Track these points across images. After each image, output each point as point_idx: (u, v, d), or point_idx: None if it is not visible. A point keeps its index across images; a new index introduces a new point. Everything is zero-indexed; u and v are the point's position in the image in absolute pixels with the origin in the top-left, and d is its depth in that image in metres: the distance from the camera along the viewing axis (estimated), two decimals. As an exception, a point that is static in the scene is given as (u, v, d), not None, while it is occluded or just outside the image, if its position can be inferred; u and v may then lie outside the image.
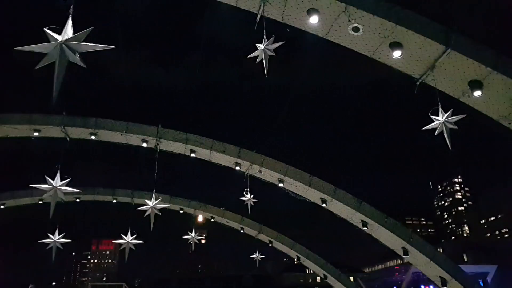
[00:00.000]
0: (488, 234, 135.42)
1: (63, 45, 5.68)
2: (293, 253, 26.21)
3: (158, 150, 16.06)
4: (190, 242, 19.66)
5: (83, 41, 5.76)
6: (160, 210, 14.02)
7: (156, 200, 13.82)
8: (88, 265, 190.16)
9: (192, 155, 16.64)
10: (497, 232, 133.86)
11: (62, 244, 16.15)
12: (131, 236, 15.07)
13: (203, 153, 16.78)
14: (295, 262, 28.69)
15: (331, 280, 26.87)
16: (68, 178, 11.58)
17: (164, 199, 18.61)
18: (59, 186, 11.42)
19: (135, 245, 15.30)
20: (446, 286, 17.47)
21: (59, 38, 5.69)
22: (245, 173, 17.29)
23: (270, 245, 25.59)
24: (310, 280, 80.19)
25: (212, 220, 24.67)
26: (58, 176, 11.48)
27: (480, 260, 78.82)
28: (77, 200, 21.42)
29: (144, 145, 16.09)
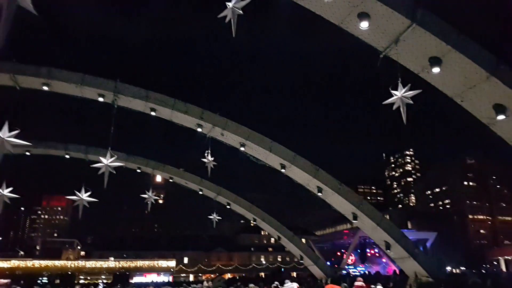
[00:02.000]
0: (432, 204, 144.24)
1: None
2: (250, 215, 26.82)
3: (116, 106, 15.48)
4: (147, 201, 19.54)
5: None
6: (116, 168, 13.68)
7: (111, 157, 13.41)
8: (38, 221, 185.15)
9: (152, 113, 16.19)
10: (440, 203, 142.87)
11: (10, 198, 15.48)
12: (85, 193, 14.72)
13: (164, 112, 16.41)
14: (252, 224, 29.44)
15: (284, 241, 27.93)
16: (17, 130, 10.97)
17: (120, 157, 18.22)
18: (6, 137, 10.82)
19: (89, 202, 14.97)
20: (389, 249, 18.59)
21: (7, -22, 5.20)
22: (207, 136, 17.16)
23: (228, 207, 25.98)
24: (265, 241, 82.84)
25: (171, 180, 24.56)
26: (6, 127, 10.84)
27: (423, 227, 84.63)
28: (27, 154, 20.47)
29: (101, 99, 15.39)
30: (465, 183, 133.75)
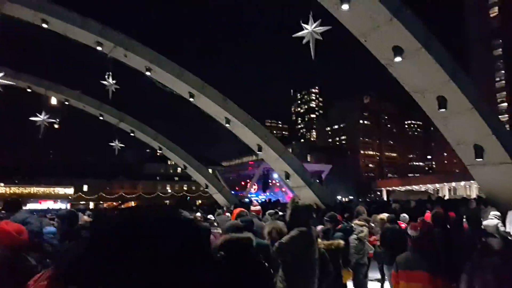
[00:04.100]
0: (330, 140, 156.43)
1: None
2: (155, 144, 26.20)
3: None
4: (39, 124, 17.87)
5: None
6: (3, 87, 12.09)
7: (-5, 73, 11.76)
8: None
9: (44, 25, 14.23)
10: (337, 139, 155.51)
11: None
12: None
13: (57, 25, 14.51)
14: (157, 153, 28.94)
15: (190, 171, 28.10)
16: None
17: (7, 73, 16.05)
18: None
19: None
20: (289, 179, 19.87)
21: None
22: (108, 55, 15.74)
23: (132, 134, 24.99)
24: (171, 171, 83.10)
25: (67, 103, 22.63)
26: None
27: (320, 160, 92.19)
28: None
29: (-21, 4, 13.08)
30: (361, 121, 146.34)
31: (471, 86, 10.73)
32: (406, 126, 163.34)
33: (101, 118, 23.05)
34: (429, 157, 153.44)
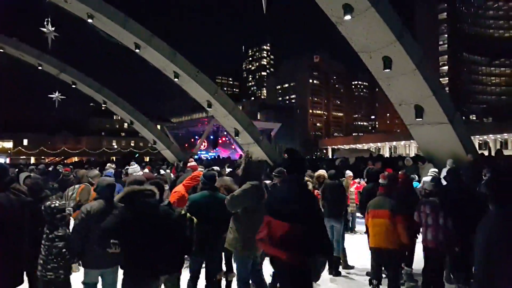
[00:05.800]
0: (280, 98, 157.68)
1: None
2: (99, 97, 25.05)
3: None
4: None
5: None
6: None
7: None
8: None
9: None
10: (287, 97, 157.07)
11: None
12: None
13: (-15, -38, 13.05)
14: (102, 107, 27.72)
15: (137, 126, 27.32)
16: None
17: None
18: None
19: None
20: (238, 136, 20.00)
21: None
22: (46, 0, 14.46)
23: (74, 86, 23.65)
24: (117, 126, 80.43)
25: (2, 51, 20.85)
26: None
27: (270, 118, 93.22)
28: None
29: None
30: (310, 80, 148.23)
31: (416, 48, 11.08)
32: (353, 86, 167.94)
33: (40, 68, 21.52)
34: (373, 117, 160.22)
